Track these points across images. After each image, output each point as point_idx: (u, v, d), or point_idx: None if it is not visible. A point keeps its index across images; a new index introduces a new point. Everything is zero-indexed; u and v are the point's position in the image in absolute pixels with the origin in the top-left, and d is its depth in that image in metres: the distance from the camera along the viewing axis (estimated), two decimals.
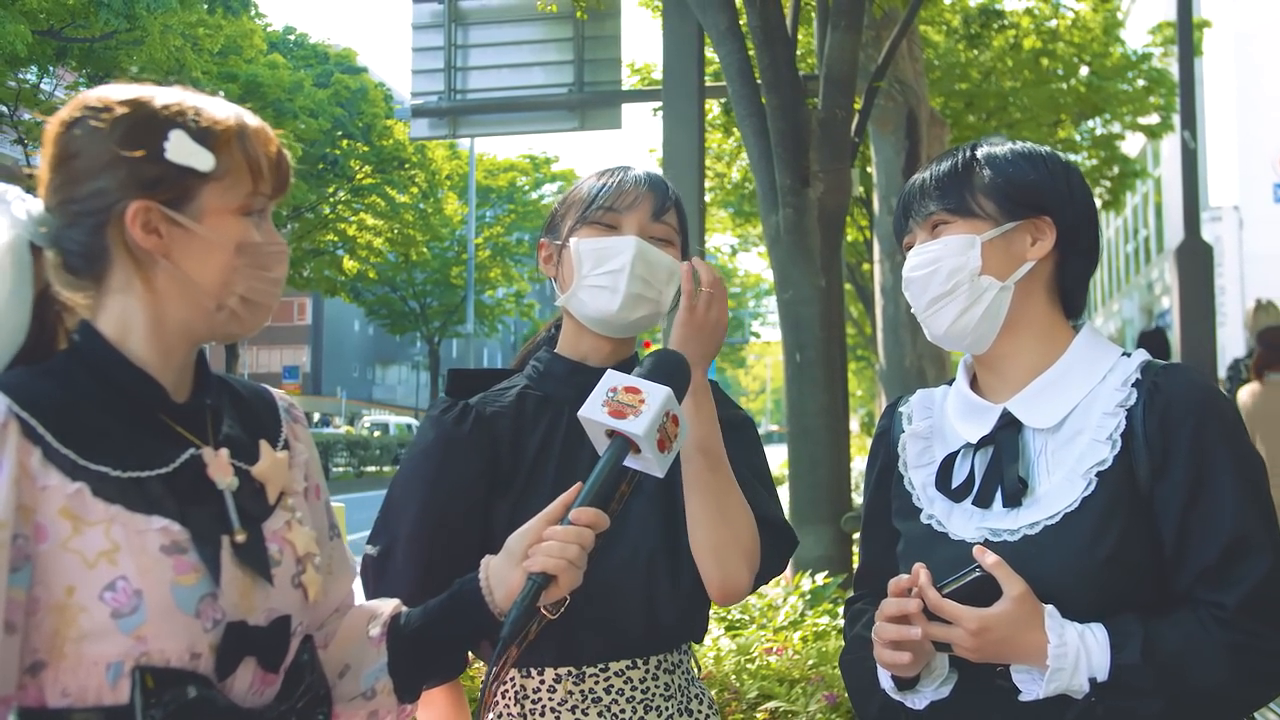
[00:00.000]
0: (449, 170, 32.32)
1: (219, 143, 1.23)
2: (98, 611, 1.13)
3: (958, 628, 1.35)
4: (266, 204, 1.29)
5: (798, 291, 5.22)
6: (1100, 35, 13.40)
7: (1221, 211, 22.15)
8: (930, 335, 1.56)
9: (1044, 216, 1.51)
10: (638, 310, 1.67)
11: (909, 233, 1.58)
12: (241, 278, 1.25)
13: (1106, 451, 1.42)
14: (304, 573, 1.31)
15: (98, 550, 1.14)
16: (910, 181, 1.59)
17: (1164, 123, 14.94)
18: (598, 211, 1.68)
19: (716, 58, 5.85)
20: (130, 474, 1.18)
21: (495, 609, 1.37)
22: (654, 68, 12.40)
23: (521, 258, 39.67)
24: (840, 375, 5.40)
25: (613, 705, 1.60)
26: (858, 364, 26.71)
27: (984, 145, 1.57)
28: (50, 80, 21.73)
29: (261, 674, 1.25)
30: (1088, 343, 1.53)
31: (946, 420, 1.59)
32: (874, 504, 1.68)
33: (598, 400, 1.39)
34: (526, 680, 1.63)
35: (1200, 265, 8.90)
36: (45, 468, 1.14)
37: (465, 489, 1.62)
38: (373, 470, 27.39)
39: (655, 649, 1.63)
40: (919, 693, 1.46)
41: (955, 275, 1.49)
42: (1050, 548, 1.40)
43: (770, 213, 5.25)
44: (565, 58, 8.63)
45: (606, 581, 1.56)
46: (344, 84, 28.31)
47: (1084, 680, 1.34)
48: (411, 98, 9.10)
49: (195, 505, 1.22)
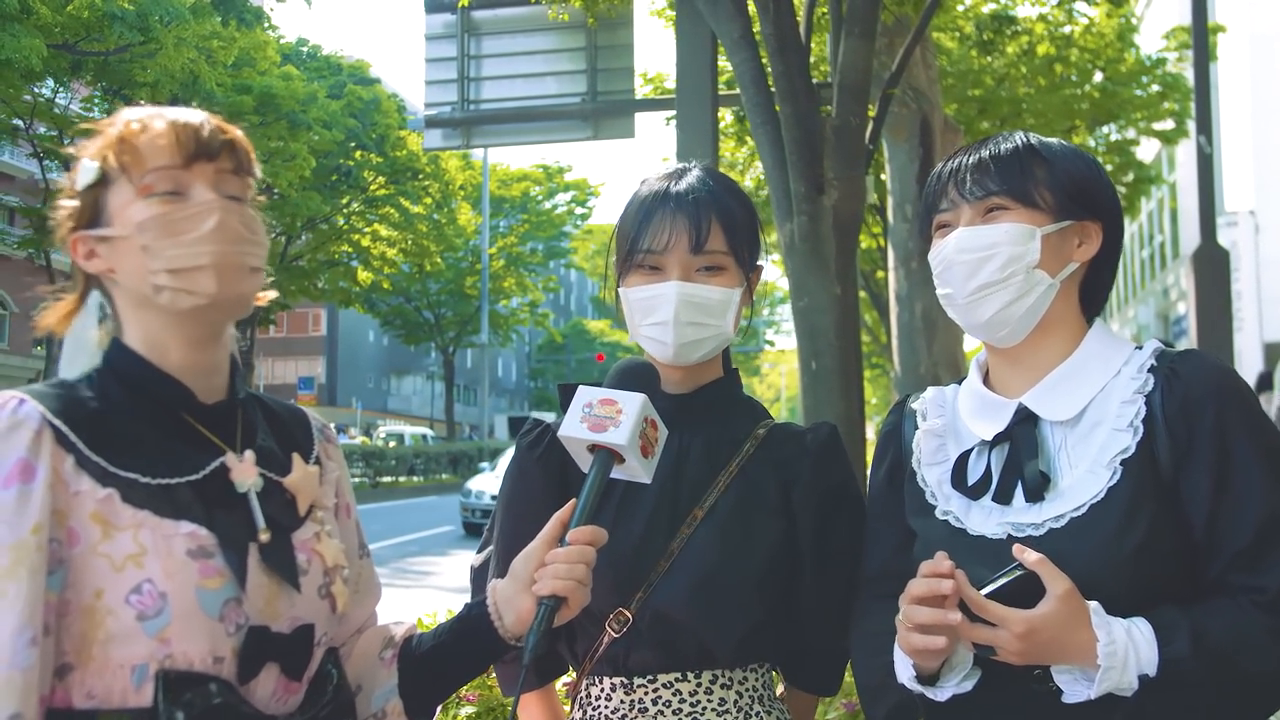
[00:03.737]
0: (462, 180, 32.43)
1: (101, 151, 1.30)
2: (124, 614, 1.16)
3: (1003, 630, 1.30)
4: (181, 176, 1.29)
5: (813, 299, 5.20)
6: (1114, 41, 13.34)
7: (1237, 216, 22.03)
8: (965, 322, 1.52)
9: (1095, 221, 1.51)
10: (697, 351, 1.65)
11: (949, 210, 1.52)
12: (155, 253, 1.26)
13: (1129, 439, 1.40)
14: (333, 584, 1.34)
15: (125, 554, 1.18)
16: (958, 158, 1.53)
17: (1179, 128, 14.89)
18: (638, 256, 1.65)
19: (730, 66, 5.83)
20: (159, 480, 1.23)
21: (505, 633, 1.39)
22: (667, 76, 12.40)
23: (535, 267, 39.76)
24: (856, 383, 5.37)
25: (658, 717, 1.59)
26: (872, 372, 26.65)
27: (1034, 136, 1.54)
28: (65, 94, 21.89)
29: (284, 681, 1.27)
30: (1100, 336, 1.52)
31: (959, 418, 1.57)
32: (882, 502, 1.63)
33: (575, 417, 1.40)
34: (592, 687, 1.65)
35: (1216, 270, 8.85)
36: (78, 474, 1.19)
37: (533, 509, 1.63)
38: (388, 481, 27.45)
39: (710, 666, 1.61)
40: (941, 686, 1.42)
41: (1012, 265, 1.46)
42: (1078, 540, 1.38)
43: (785, 220, 5.24)
44: (578, 67, 8.63)
45: (658, 606, 1.57)
46: (357, 95, 28.43)
47: (1134, 678, 1.30)
48: (425, 108, 9.12)
49: (223, 511, 1.26)
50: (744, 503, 1.63)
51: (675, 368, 1.68)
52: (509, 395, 67.95)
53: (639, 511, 1.62)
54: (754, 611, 1.60)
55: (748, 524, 1.62)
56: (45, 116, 21.19)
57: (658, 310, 1.62)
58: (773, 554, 1.62)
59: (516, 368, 69.06)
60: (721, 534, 1.60)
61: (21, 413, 1.19)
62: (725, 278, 1.64)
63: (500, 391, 65.47)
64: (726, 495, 1.62)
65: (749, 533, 1.62)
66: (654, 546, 1.60)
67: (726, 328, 1.65)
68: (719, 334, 1.65)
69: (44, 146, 21.76)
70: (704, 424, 1.68)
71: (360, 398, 51.33)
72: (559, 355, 58.64)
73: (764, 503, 1.64)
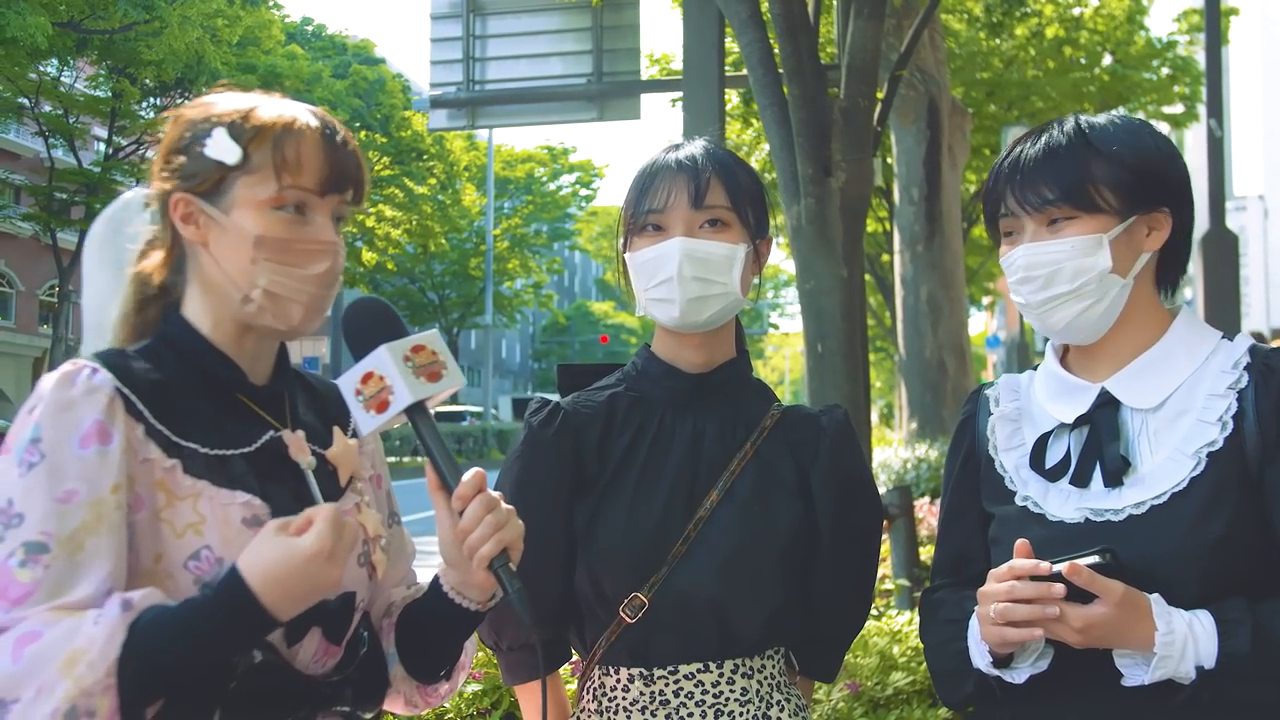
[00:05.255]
0: (467, 161, 32.38)
1: (253, 139, 1.28)
2: (182, 579, 1.21)
3: (1063, 627, 1.32)
4: (309, 199, 1.30)
5: (819, 282, 5.19)
6: (1124, 23, 13.28)
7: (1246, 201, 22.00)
8: (1044, 328, 1.51)
9: (1164, 209, 1.47)
10: (706, 309, 1.62)
11: (1010, 217, 1.49)
12: (262, 271, 1.28)
13: (1216, 433, 1.40)
14: (373, 553, 1.39)
15: (186, 522, 1.23)
16: (1011, 158, 1.50)
17: (1188, 111, 14.81)
18: (642, 217, 1.64)
19: (737, 47, 5.81)
20: (216, 451, 1.27)
21: (476, 605, 1.38)
22: (673, 57, 12.36)
23: (540, 249, 39.70)
24: (862, 366, 5.37)
25: (680, 709, 1.58)
26: (877, 355, 26.61)
27: (1092, 125, 1.49)
28: (70, 72, 21.86)
29: (325, 645, 1.33)
30: (1187, 324, 1.50)
31: (1035, 402, 1.56)
32: (958, 492, 1.62)
33: (359, 411, 1.29)
34: (606, 678, 1.63)
35: (1225, 255, 8.83)
36: (146, 442, 1.23)
37: (547, 492, 1.62)
38: (392, 460, 27.41)
39: (731, 653, 1.60)
40: (1016, 669, 1.43)
41: (1082, 275, 1.43)
42: (1158, 527, 1.38)
43: (792, 203, 5.22)
44: (584, 48, 8.59)
45: (680, 588, 1.56)
46: (362, 75, 28.36)
47: (1190, 668, 1.31)
48: (430, 88, 9.10)
49: (275, 483, 1.30)
50: (762, 484, 1.62)
51: (690, 341, 1.66)
52: (513, 377, 67.99)
53: (655, 494, 1.61)
54: (776, 593, 1.60)
55: (767, 504, 1.61)
56: (50, 95, 21.17)
57: (662, 269, 1.60)
58: (792, 535, 1.61)
59: (520, 349, 69.07)
60: (742, 514, 1.60)
61: (96, 380, 1.22)
62: (729, 234, 1.62)
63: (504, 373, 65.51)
64: (744, 477, 1.61)
65: (769, 513, 1.61)
66: (671, 528, 1.58)
67: (733, 286, 1.61)
68: (726, 293, 1.61)
69: (49, 125, 21.75)
70: (718, 405, 1.67)
71: None
72: (563, 337, 58.61)
73: (782, 483, 1.63)
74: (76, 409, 1.20)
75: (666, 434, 1.64)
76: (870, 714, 2.94)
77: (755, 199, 1.67)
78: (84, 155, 23.28)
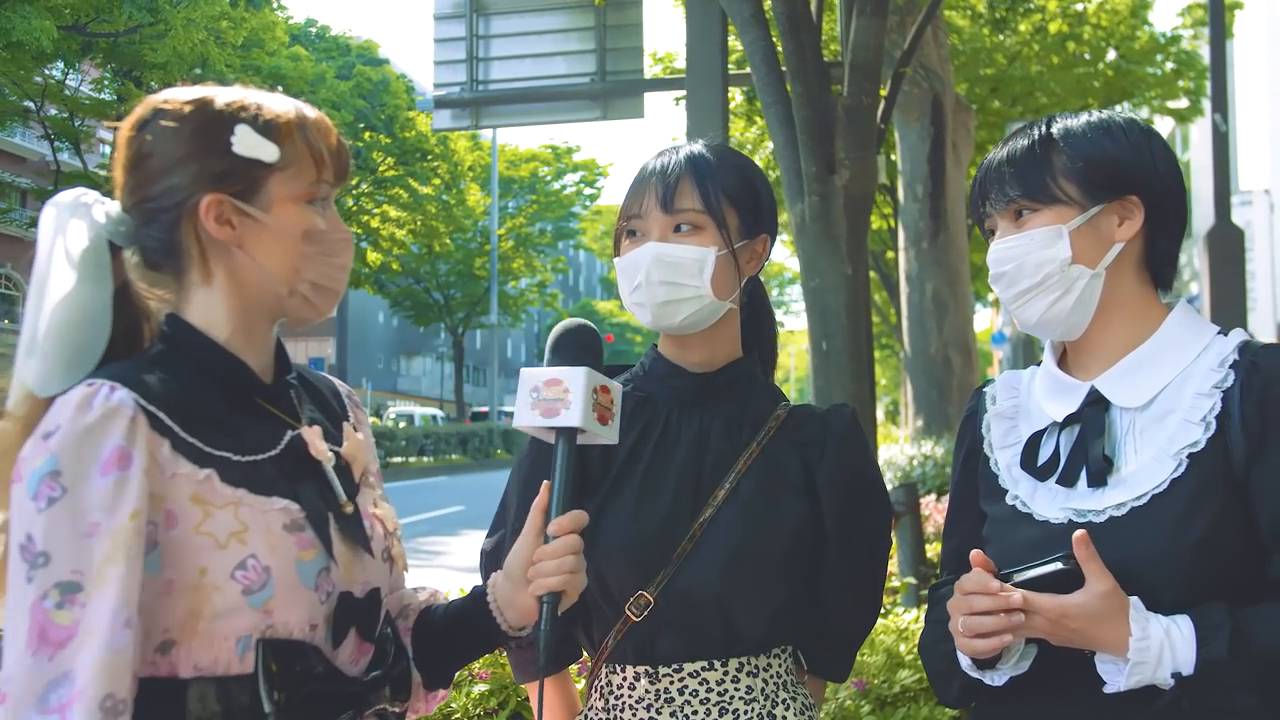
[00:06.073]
0: (471, 161, 32.38)
1: (282, 134, 1.28)
2: (230, 589, 1.20)
3: (1037, 617, 1.32)
4: (330, 192, 1.34)
5: (824, 279, 5.19)
6: (1128, 18, 13.25)
7: (1252, 195, 21.87)
8: (1021, 324, 1.52)
9: (1131, 196, 1.45)
10: (678, 313, 1.61)
11: (988, 217, 1.52)
12: (311, 264, 1.31)
13: (1199, 434, 1.38)
14: (392, 547, 1.40)
15: (228, 532, 1.21)
16: (986, 161, 1.52)
17: (1193, 106, 14.77)
18: (625, 223, 1.66)
19: (740, 45, 5.80)
20: (248, 458, 1.26)
21: (508, 628, 1.43)
22: (676, 56, 12.36)
23: (544, 248, 39.69)
24: (867, 363, 5.37)
25: (685, 707, 1.58)
26: (882, 352, 26.61)
27: (1060, 120, 1.50)
28: (75, 75, 21.89)
29: (359, 643, 1.33)
30: (1181, 321, 1.48)
31: (1033, 399, 1.56)
32: (961, 488, 1.64)
33: (525, 404, 1.39)
34: (613, 675, 1.64)
35: (1231, 250, 8.78)
36: (174, 457, 1.21)
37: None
38: (398, 461, 27.52)
39: (736, 652, 1.60)
40: (998, 670, 1.43)
41: (1044, 267, 1.44)
42: (1137, 529, 1.36)
43: (796, 200, 5.22)
44: (587, 47, 8.59)
45: (685, 587, 1.57)
46: (366, 76, 28.39)
47: (1167, 674, 1.30)
48: (433, 89, 9.09)
49: (302, 484, 1.30)
50: (767, 482, 1.62)
51: (689, 342, 1.67)
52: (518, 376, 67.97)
53: (661, 492, 1.61)
54: (780, 591, 1.60)
55: (773, 503, 1.61)
56: (56, 98, 21.20)
57: (636, 273, 1.61)
58: (798, 533, 1.61)
59: (525, 348, 69.11)
60: (747, 512, 1.60)
61: (115, 400, 1.18)
62: (701, 237, 1.61)
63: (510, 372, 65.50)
64: (749, 475, 1.62)
65: (774, 511, 1.61)
66: (677, 527, 1.59)
67: (704, 289, 1.60)
68: (697, 295, 1.60)
69: (55, 128, 21.78)
70: (724, 404, 1.67)
71: (370, 379, 51.44)
72: None
73: (788, 482, 1.63)
74: (95, 435, 1.16)
75: (672, 433, 1.65)
76: (877, 712, 2.94)
77: (741, 200, 1.65)
78: (89, 158, 23.33)
